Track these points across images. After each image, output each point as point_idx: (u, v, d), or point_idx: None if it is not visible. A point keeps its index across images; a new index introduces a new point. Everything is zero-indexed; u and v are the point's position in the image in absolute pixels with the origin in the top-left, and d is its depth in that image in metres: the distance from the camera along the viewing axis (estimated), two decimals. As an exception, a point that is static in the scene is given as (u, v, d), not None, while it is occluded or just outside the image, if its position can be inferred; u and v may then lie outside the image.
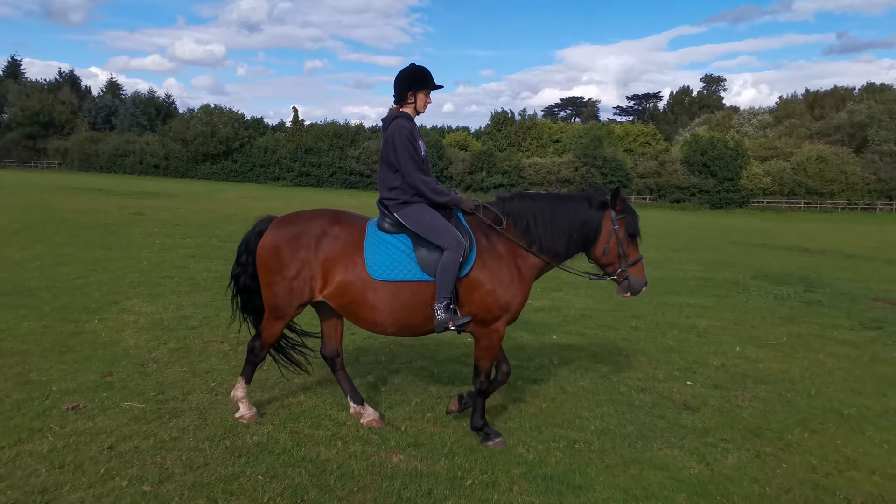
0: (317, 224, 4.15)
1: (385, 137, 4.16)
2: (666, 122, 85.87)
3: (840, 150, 52.12)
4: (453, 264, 3.92)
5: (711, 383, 5.66)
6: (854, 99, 63.02)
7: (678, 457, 4.10)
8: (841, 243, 23.25)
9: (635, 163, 55.01)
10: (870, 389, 5.70)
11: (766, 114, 69.42)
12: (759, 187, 51.48)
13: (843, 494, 3.71)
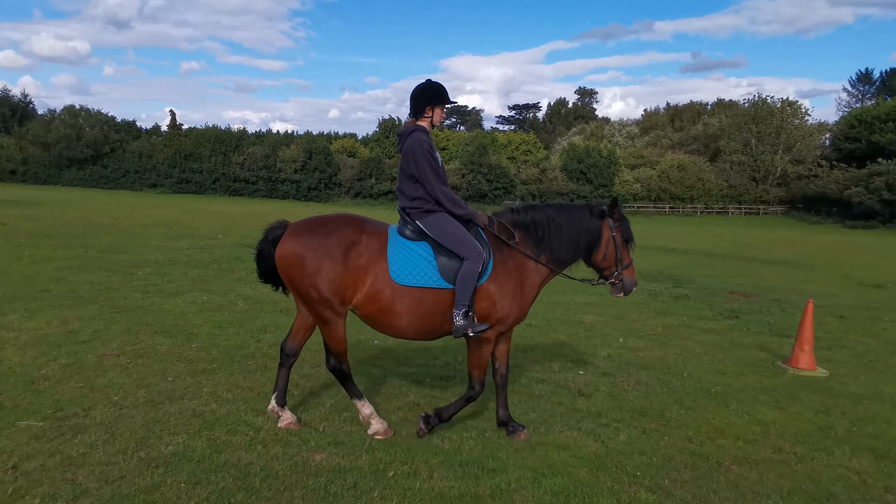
0: (343, 233, 4.14)
1: (405, 150, 4.25)
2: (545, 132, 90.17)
3: (697, 160, 57.42)
4: (473, 274, 4.07)
5: (601, 372, 6.22)
6: (708, 113, 69.72)
7: (577, 437, 4.53)
8: (701, 243, 25.72)
9: (518, 170, 57.34)
10: (731, 370, 6.51)
11: (634, 125, 74.89)
12: (630, 193, 55.46)
13: (714, 459, 4.28)
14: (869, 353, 7.47)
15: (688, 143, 64.60)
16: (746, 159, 54.81)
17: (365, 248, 4.14)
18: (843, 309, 10.49)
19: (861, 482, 4.01)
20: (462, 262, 4.11)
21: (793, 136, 53.26)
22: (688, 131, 67.24)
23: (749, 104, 57.16)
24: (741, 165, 54.99)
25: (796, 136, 53.29)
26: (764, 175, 54.57)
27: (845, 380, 6.31)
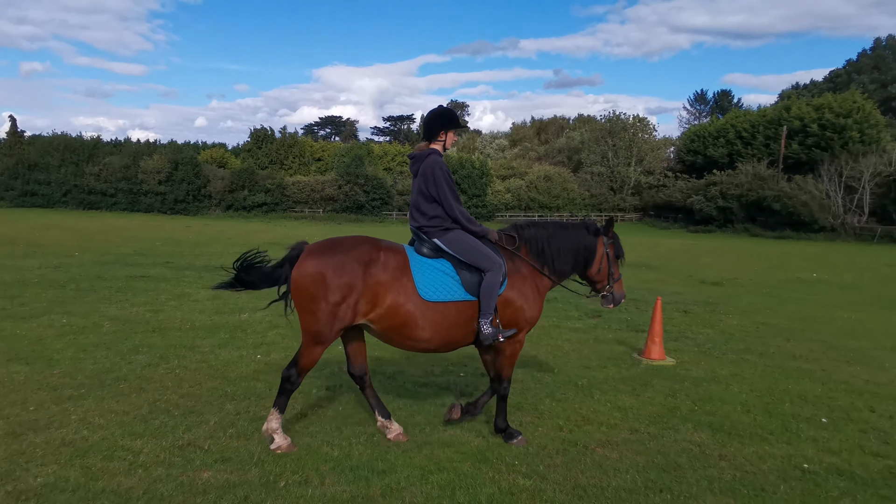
0: (362, 251, 4.29)
1: (422, 171, 4.48)
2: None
3: (562, 171, 61.09)
4: (495, 284, 4.35)
5: (479, 373, 6.58)
6: (570, 127, 74.39)
7: (460, 435, 4.81)
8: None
9: (395, 181, 57.85)
10: (595, 364, 7.15)
11: (503, 137, 78.21)
12: (502, 203, 57.81)
13: (582, 443, 4.75)
14: (708, 342, 8.49)
15: (553, 155, 68.55)
16: (605, 170, 59.15)
17: (384, 265, 4.31)
18: (687, 304, 11.76)
19: (701, 452, 4.63)
20: (483, 275, 4.40)
21: (643, 149, 58.32)
22: (552, 144, 71.37)
23: (605, 119, 61.81)
24: (600, 176, 59.26)
25: (646, 150, 58.40)
26: (620, 185, 59.17)
27: (689, 366, 7.16)
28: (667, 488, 4.02)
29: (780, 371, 7.04)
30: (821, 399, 6.00)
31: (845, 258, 25.82)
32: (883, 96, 62.27)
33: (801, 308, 11.78)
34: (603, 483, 4.07)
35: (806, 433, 5.08)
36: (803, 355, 7.84)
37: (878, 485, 4.15)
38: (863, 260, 24.98)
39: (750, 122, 52.66)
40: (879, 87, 64.26)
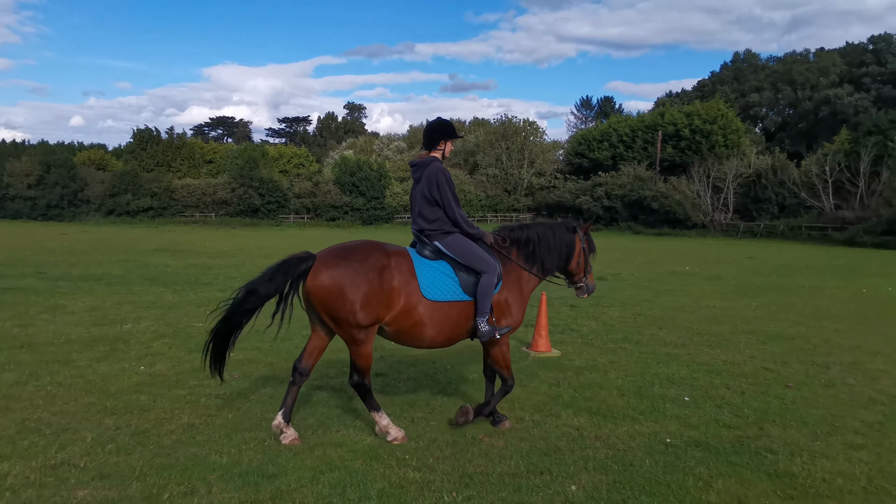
0: (375, 259, 4.50)
1: (426, 176, 4.76)
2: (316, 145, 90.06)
3: (459, 173, 62.20)
4: (491, 285, 4.67)
5: (374, 373, 6.65)
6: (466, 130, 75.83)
7: (353, 434, 4.89)
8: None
9: (291, 184, 56.52)
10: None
11: (401, 140, 78.47)
12: (401, 204, 57.97)
13: (470, 435, 4.96)
14: (591, 334, 9.06)
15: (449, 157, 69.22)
16: (499, 172, 60.91)
17: (396, 270, 4.55)
18: (573, 299, 12.41)
19: (579, 435, 4.98)
20: (479, 276, 4.69)
21: (534, 151, 60.65)
22: (450, 146, 72.35)
23: (498, 123, 63.65)
24: (495, 178, 60.95)
25: (537, 152, 60.77)
26: (514, 186, 61.16)
27: (572, 357, 7.62)
28: (547, 470, 4.30)
29: (652, 357, 7.65)
30: (685, 380, 6.61)
31: (713, 252, 28.20)
32: (742, 104, 68.54)
33: (674, 299, 12.79)
34: (489, 470, 4.29)
35: (671, 411, 5.59)
36: (673, 341, 8.56)
37: (728, 452, 4.66)
38: (728, 253, 27.40)
39: (630, 126, 56.18)
40: (739, 97, 70.62)
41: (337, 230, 48.55)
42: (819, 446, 4.81)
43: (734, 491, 4.04)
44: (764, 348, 8.18)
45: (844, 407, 5.78)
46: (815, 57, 71.90)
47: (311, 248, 5.20)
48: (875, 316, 10.90)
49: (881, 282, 16.45)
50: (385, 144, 76.38)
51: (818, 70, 68.17)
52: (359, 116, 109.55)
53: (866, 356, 7.81)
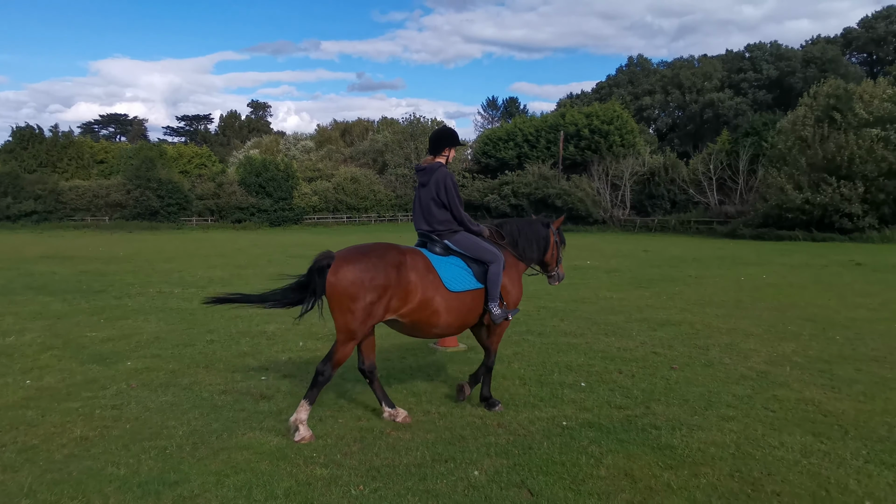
0: (391, 259, 4.85)
1: (434, 180, 5.19)
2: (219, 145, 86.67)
3: (368, 172, 61.94)
4: (499, 273, 5.21)
5: (282, 375, 6.63)
6: (374, 129, 75.53)
7: (259, 436, 4.87)
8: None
9: (193, 185, 54.11)
10: (395, 356, 7.55)
11: (308, 139, 77.05)
12: (310, 205, 57.00)
13: (378, 430, 5.06)
14: (497, 327, 9.39)
15: (359, 157, 69.12)
16: (409, 172, 61.15)
17: (412, 266, 4.93)
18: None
19: (483, 424, 5.21)
20: (488, 266, 5.20)
21: (444, 151, 61.34)
22: (358, 146, 71.92)
23: (407, 122, 63.91)
24: (405, 177, 61.16)
25: (446, 152, 61.49)
26: (425, 185, 61.63)
27: (478, 350, 7.84)
28: (451, 458, 4.49)
29: (552, 347, 8.05)
30: (582, 367, 7.02)
31: (612, 246, 29.74)
32: (637, 107, 72.56)
33: (575, 291, 13.44)
34: (395, 462, 4.42)
35: (568, 396, 5.94)
36: (573, 331, 9.04)
37: (618, 431, 5.03)
38: (626, 247, 28.98)
39: (534, 127, 58.06)
40: (634, 99, 74.72)
41: (244, 233, 46.99)
42: (697, 420, 5.29)
43: (622, 465, 4.38)
44: (654, 334, 8.81)
45: (720, 384, 6.37)
46: (699, 63, 77.22)
47: (218, 252, 5.12)
48: (750, 301, 11.96)
49: (757, 270, 18.01)
50: (292, 144, 74.69)
51: (703, 75, 73.28)
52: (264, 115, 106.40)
53: (741, 337, 8.59)
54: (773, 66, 71.07)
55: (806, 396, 5.93)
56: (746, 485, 4.10)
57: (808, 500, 3.91)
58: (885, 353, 7.62)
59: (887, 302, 11.67)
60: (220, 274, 16.59)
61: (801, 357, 7.47)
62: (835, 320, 9.85)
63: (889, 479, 4.18)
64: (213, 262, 20.61)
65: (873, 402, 5.76)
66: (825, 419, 5.33)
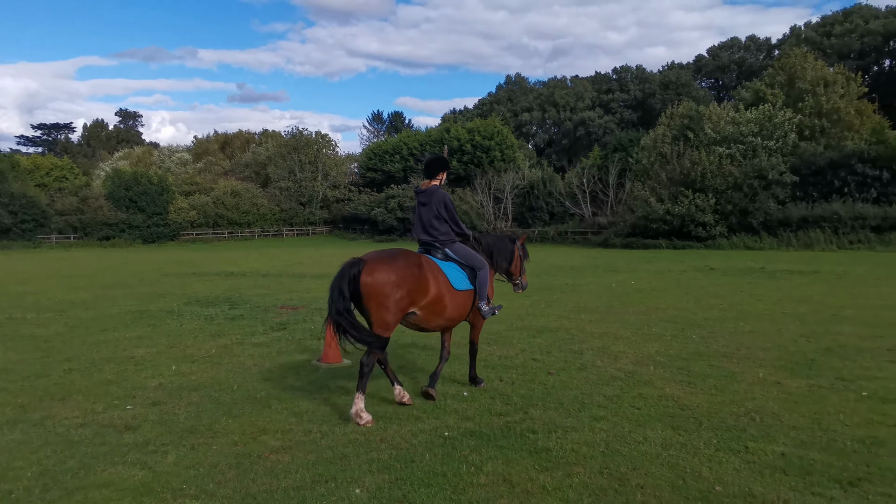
0: (413, 260, 5.73)
1: (435, 200, 6.14)
2: (83, 156, 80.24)
3: (250, 186, 59.78)
4: (486, 277, 6.25)
5: (150, 402, 6.20)
6: (256, 142, 73.14)
7: (121, 471, 4.51)
8: (258, 265, 27.03)
9: (52, 199, 49.49)
10: (276, 375, 7.31)
11: (185, 151, 73.11)
12: (187, 220, 54.02)
13: (255, 454, 4.86)
14: (382, 342, 9.35)
15: (240, 170, 66.58)
16: (293, 185, 59.73)
17: (428, 269, 5.83)
18: (368, 309, 12.71)
19: (366, 440, 5.14)
20: (477, 272, 6.20)
21: (327, 164, 60.59)
22: (239, 159, 69.26)
23: (290, 135, 62.41)
24: (289, 191, 59.64)
25: (331, 165, 60.79)
26: (309, 199, 60.39)
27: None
28: (332, 478, 4.40)
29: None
30: (465, 377, 7.14)
31: (497, 257, 30.69)
32: (516, 123, 75.69)
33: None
34: (273, 486, 4.26)
35: (451, 407, 6.02)
36: (455, 342, 9.14)
37: (497, 438, 5.17)
38: (510, 258, 30.03)
39: (419, 141, 58.87)
40: (513, 116, 77.91)
41: (113, 251, 43.60)
42: (571, 422, 5.56)
43: (501, 471, 4.51)
44: (533, 341, 9.17)
45: (592, 385, 6.74)
46: (572, 83, 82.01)
47: (82, 272, 4.70)
48: (620, 306, 12.79)
49: (627, 276, 19.30)
50: (167, 156, 70.57)
51: (575, 95, 77.86)
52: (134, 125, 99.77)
53: (611, 340, 9.15)
54: (638, 87, 76.93)
55: (667, 393, 6.42)
56: (614, 480, 4.35)
57: (667, 490, 4.22)
58: (733, 350, 8.42)
59: (735, 303, 12.93)
60: (84, 296, 15.27)
61: (663, 356, 8.08)
62: (692, 320, 10.76)
63: (735, 465, 4.61)
64: (76, 282, 18.93)
65: (723, 395, 6.34)
66: (683, 413, 5.79)
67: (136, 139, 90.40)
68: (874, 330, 9.65)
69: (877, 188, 32.81)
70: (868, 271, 19.40)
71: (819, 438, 5.10)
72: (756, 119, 37.25)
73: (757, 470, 4.50)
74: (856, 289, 15.08)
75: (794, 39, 68.89)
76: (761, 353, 8.16)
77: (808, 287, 15.62)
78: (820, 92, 39.75)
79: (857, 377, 6.93)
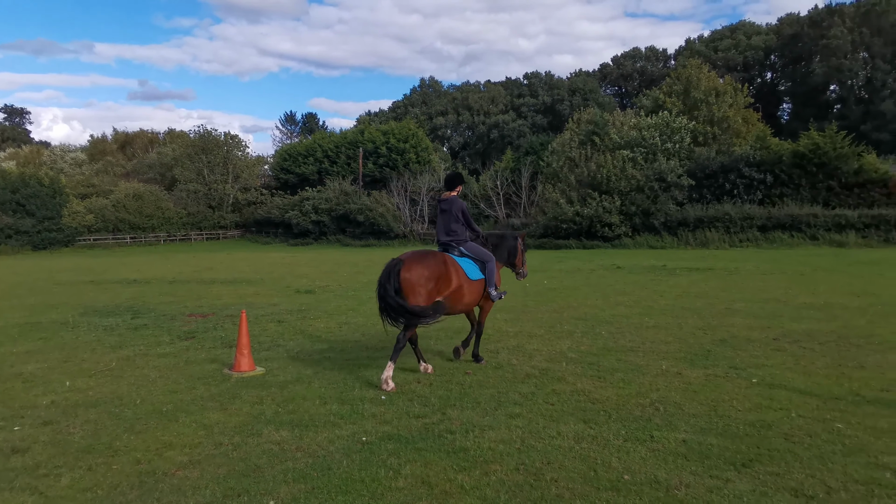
0: (440, 259, 7.14)
1: (454, 208, 7.51)
2: (-41, 155, 73.08)
3: (154, 188, 56.73)
4: (494, 269, 7.56)
5: (41, 422, 5.75)
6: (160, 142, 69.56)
7: (9, 498, 4.16)
8: (164, 272, 25.66)
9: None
10: (183, 386, 6.98)
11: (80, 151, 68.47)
12: (84, 225, 50.52)
13: (161, 471, 4.61)
14: (297, 348, 9.13)
15: (143, 171, 63.08)
16: (201, 188, 57.20)
17: (451, 264, 7.19)
18: (281, 314, 12.38)
19: (280, 450, 5.02)
20: (486, 265, 7.52)
21: (238, 166, 58.50)
22: (141, 159, 65.61)
23: (197, 136, 59.76)
24: (197, 193, 57.07)
25: (241, 167, 58.73)
26: (219, 202, 58.06)
27: (277, 372, 7.60)
28: (245, 491, 4.25)
29: (354, 363, 8.05)
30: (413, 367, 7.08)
31: (414, 260, 30.72)
32: (431, 126, 76.23)
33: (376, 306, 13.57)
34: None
35: (369, 411, 5.97)
36: (374, 346, 9.13)
37: (416, 440, 5.18)
38: (426, 260, 30.16)
39: (334, 143, 58.01)
40: (428, 119, 78.42)
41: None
42: (488, 420, 5.65)
43: (419, 473, 4.51)
44: (450, 342, 9.24)
45: (508, 384, 6.88)
46: (485, 87, 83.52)
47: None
48: (535, 305, 13.13)
49: (540, 276, 19.85)
50: (59, 156, 65.79)
51: (489, 99, 79.37)
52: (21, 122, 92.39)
53: (526, 339, 9.38)
54: (548, 93, 79.42)
55: (579, 388, 6.65)
56: (530, 476, 4.46)
57: (580, 481, 4.37)
58: (639, 344, 8.85)
59: (640, 299, 13.60)
60: (-39, 309, 13.92)
61: (574, 353, 8.37)
62: (601, 317, 11.22)
63: (642, 454, 4.84)
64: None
65: (630, 387, 6.65)
66: (594, 406, 6.03)
67: (23, 138, 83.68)
68: (761, 321, 10.44)
69: (762, 190, 35.47)
70: (755, 267, 20.95)
71: (716, 424, 5.45)
72: (656, 125, 39.38)
73: (661, 457, 4.75)
74: (745, 283, 16.25)
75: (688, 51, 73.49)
76: (664, 347, 8.63)
77: (704, 283, 16.67)
78: (712, 101, 42.64)
79: (748, 365, 7.47)
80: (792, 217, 32.56)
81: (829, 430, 5.26)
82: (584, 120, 42.08)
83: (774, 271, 19.39)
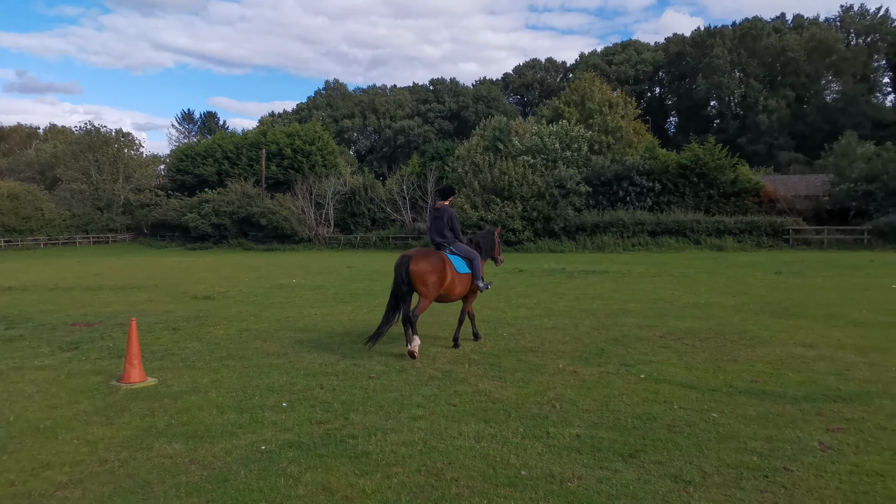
0: (439, 256, 8.51)
1: (446, 216, 8.94)
2: None
3: (32, 188, 52.29)
4: (479, 264, 8.95)
5: None
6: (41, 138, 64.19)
7: None
8: (44, 278, 23.67)
9: None
10: (64, 401, 6.50)
11: (-57, 145, 61.86)
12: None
13: (38, 492, 4.29)
14: (193, 356, 8.74)
15: (20, 169, 58.04)
16: (87, 188, 53.34)
17: (447, 261, 8.52)
18: (177, 321, 11.79)
19: (172, 463, 4.80)
20: (472, 261, 8.87)
21: (130, 166, 55.06)
22: (18, 157, 60.25)
23: (83, 132, 55.68)
24: (83, 194, 53.16)
25: (133, 167, 55.33)
26: (108, 204, 54.36)
27: (171, 382, 7.25)
28: (133, 508, 4.03)
29: (255, 370, 7.82)
30: (284, 387, 6.97)
31: (318, 264, 30.17)
32: (337, 129, 75.30)
33: (280, 311, 13.26)
34: (60, 526, 3.80)
35: (269, 419, 5.83)
36: (275, 352, 8.91)
37: (317, 446, 5.11)
38: (330, 264, 29.68)
39: (235, 143, 55.89)
40: (333, 122, 77.42)
41: None
42: (390, 424, 5.67)
43: (320, 480, 4.47)
44: (354, 347, 9.19)
45: (411, 386, 6.94)
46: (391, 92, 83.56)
47: None
48: (440, 308, 13.27)
49: (446, 280, 20.11)
50: (-86, 150, 59.03)
51: (395, 103, 79.46)
52: None
53: (430, 342, 9.46)
54: (453, 99, 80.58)
55: (480, 388, 6.82)
56: (431, 476, 4.53)
57: (479, 479, 4.50)
58: (538, 344, 9.20)
59: (540, 301, 14.11)
60: None
61: (477, 354, 8.57)
62: (503, 319, 11.55)
63: (539, 450, 5.05)
64: None
65: (529, 386, 6.90)
66: (494, 406, 6.20)
67: None
68: (650, 320, 11.15)
69: (651, 198, 37.79)
70: (646, 269, 22.29)
71: (607, 418, 5.77)
72: (556, 133, 41.00)
73: (556, 452, 4.98)
74: (636, 285, 17.26)
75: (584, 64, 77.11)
76: (561, 346, 9.02)
77: (599, 285, 17.55)
78: (606, 112, 44.97)
79: (637, 362, 7.96)
80: (678, 223, 34.94)
81: (706, 419, 5.71)
82: (489, 126, 43.06)
83: (662, 273, 20.72)
